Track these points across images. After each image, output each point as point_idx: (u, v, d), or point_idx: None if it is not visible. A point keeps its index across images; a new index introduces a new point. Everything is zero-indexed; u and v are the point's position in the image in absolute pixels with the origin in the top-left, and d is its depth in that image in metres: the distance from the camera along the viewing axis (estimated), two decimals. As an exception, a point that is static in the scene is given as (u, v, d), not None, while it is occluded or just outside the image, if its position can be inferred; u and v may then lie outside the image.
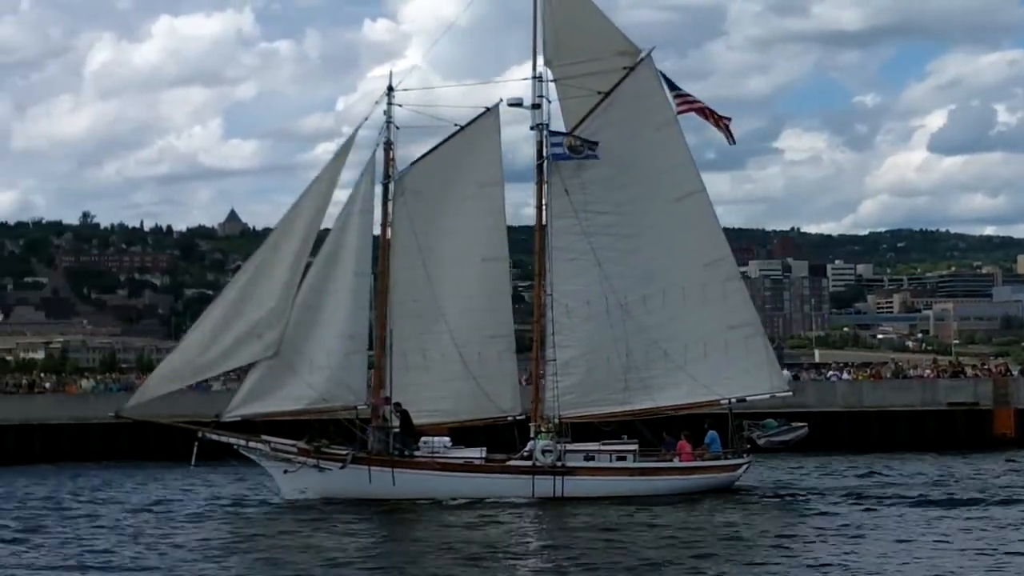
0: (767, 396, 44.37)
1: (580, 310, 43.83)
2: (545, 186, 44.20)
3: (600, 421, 43.76)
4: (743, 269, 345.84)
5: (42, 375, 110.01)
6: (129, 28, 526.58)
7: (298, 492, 42.54)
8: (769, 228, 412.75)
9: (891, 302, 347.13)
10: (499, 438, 45.25)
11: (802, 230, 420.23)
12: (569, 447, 42.70)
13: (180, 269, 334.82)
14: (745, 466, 43.48)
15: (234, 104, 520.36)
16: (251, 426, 44.52)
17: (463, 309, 43.99)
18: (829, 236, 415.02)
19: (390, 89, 44.29)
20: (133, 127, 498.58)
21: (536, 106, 44.25)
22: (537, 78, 44.23)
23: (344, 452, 42.37)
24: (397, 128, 44.37)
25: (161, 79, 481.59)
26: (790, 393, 45.45)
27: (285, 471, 42.77)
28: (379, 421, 43.25)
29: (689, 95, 44.52)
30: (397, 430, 42.85)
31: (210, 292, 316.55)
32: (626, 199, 44.05)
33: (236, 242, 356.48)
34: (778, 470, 49.27)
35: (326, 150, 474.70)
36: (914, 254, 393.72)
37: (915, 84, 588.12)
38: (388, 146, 44.31)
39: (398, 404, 43.10)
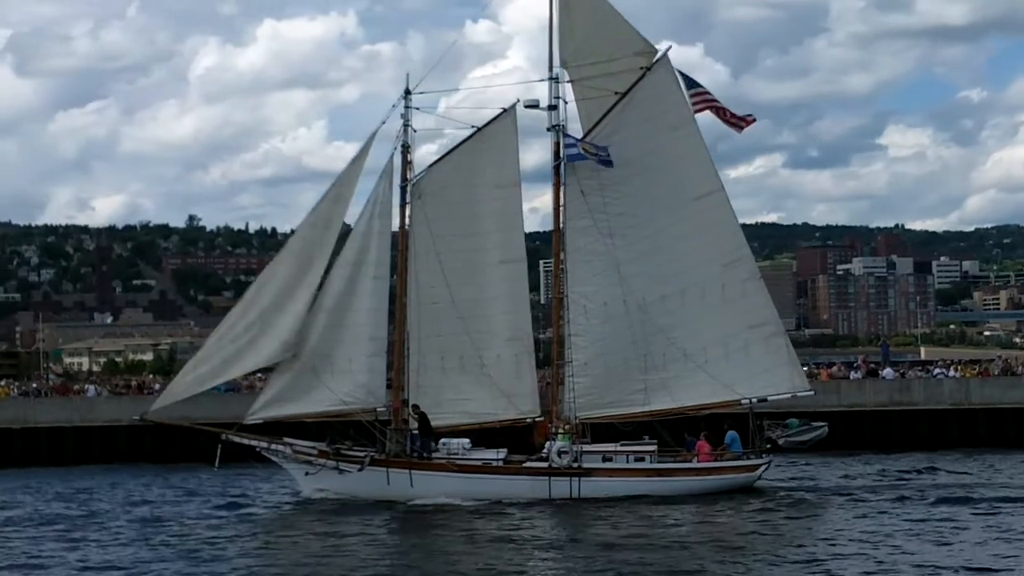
0: (788, 396, 44.02)
1: (598, 311, 43.76)
2: (562, 188, 44.13)
3: (619, 422, 43.66)
4: (847, 267, 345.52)
5: (151, 376, 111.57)
6: (234, 32, 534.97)
7: (319, 494, 42.88)
8: (873, 225, 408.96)
9: (998, 299, 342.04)
10: (522, 440, 45.19)
11: (907, 227, 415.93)
12: (586, 448, 42.65)
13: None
14: (764, 466, 43.11)
15: (337, 106, 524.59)
16: (275, 428, 44.85)
17: (481, 311, 44.09)
18: (934, 233, 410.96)
19: (407, 92, 44.47)
20: (238, 130, 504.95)
21: (553, 107, 44.22)
22: (554, 79, 44.17)
23: (362, 454, 42.65)
24: (414, 131, 44.60)
25: (265, 82, 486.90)
26: (811, 392, 44.96)
27: (306, 473, 43.18)
28: (399, 423, 43.43)
29: (707, 92, 44.26)
30: (415, 432, 43.03)
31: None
32: (644, 199, 43.90)
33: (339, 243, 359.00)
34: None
35: (428, 151, 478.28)
36: (1021, 250, 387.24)
37: (1021, 78, 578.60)
38: (405, 149, 44.52)
39: (416, 406, 43.33)
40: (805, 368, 71.31)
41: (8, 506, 44.01)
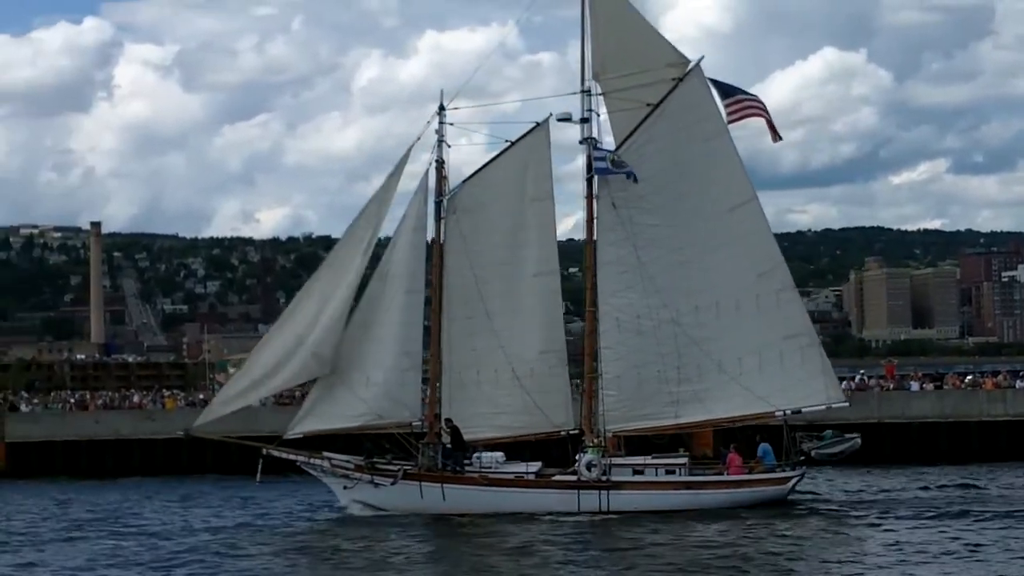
0: (823, 407, 43.42)
1: (630, 324, 43.59)
2: (594, 200, 44.09)
3: (652, 434, 43.49)
4: (1012, 273, 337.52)
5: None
6: (396, 44, 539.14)
7: (357, 507, 43.40)
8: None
9: None
10: (560, 453, 45.13)
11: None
12: (616, 461, 42.54)
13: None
14: (796, 479, 42.57)
15: (498, 116, 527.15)
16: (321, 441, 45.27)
17: (515, 324, 44.24)
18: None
19: (441, 108, 44.83)
20: (399, 141, 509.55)
21: (585, 120, 44.19)
22: (586, 92, 44.15)
23: (395, 468, 43.06)
24: (448, 146, 44.89)
25: (427, 94, 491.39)
26: (847, 404, 44.41)
27: (344, 487, 43.72)
28: (432, 437, 43.77)
29: (744, 98, 43.79)
30: (448, 446, 43.32)
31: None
32: (676, 210, 43.68)
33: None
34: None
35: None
36: None
37: None
38: (440, 164, 44.85)
39: (449, 420, 43.62)
40: (969, 377, 70.78)
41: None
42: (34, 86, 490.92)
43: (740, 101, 43.75)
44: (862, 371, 76.84)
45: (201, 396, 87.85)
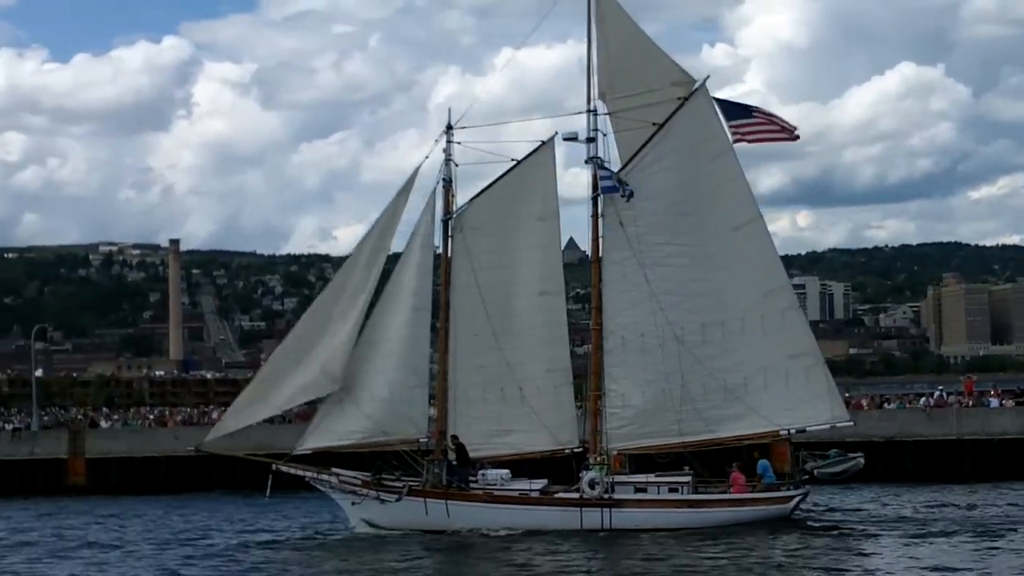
0: (827, 426, 43.36)
1: (635, 342, 43.67)
2: (600, 219, 44.26)
3: (656, 452, 43.59)
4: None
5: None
6: (473, 61, 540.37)
7: (364, 523, 43.80)
8: None
9: None
10: (567, 470, 45.26)
11: None
12: (619, 479, 42.67)
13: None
14: (798, 497, 42.47)
15: (575, 133, 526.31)
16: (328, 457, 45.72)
17: (521, 343, 44.49)
18: None
19: (449, 127, 45.22)
20: (476, 158, 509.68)
21: (591, 140, 44.40)
22: (592, 111, 44.37)
23: (401, 485, 43.42)
24: (456, 165, 45.25)
25: (504, 110, 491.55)
26: (851, 423, 44.07)
27: (352, 503, 44.13)
28: (438, 454, 44.12)
29: (747, 123, 43.82)
30: (454, 463, 43.63)
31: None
32: (682, 229, 43.75)
33: (576, 270, 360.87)
34: None
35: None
36: None
37: None
38: (447, 183, 45.27)
39: (455, 437, 43.93)
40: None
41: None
42: (114, 105, 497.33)
43: (743, 126, 43.75)
44: (941, 387, 76.21)
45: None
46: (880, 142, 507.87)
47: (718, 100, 44.27)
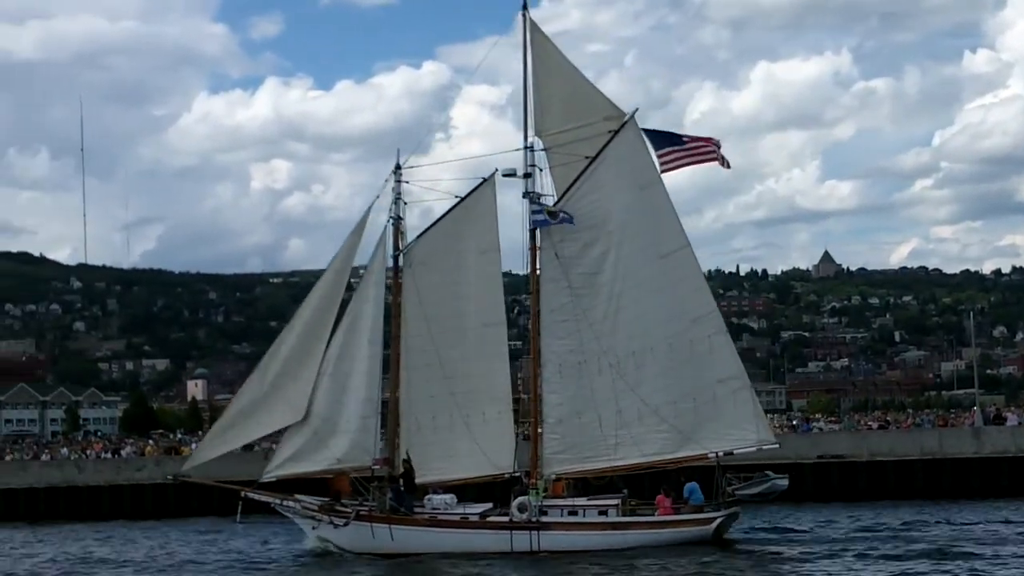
0: (754, 449, 44.01)
1: (572, 369, 45.00)
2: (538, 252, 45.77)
3: (591, 476, 44.82)
4: None
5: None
6: (728, 76, 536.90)
7: (320, 546, 46.06)
8: None
9: None
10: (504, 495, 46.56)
11: None
12: (549, 503, 44.02)
13: (776, 312, 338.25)
14: (720, 519, 43.13)
15: (832, 145, 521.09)
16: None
17: (465, 373, 46.25)
18: None
19: (397, 167, 47.37)
20: (732, 173, 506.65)
21: (527, 175, 45.97)
22: (528, 148, 45.96)
23: (350, 510, 45.54)
24: (405, 204, 47.36)
25: (760, 125, 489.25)
26: (777, 445, 44.59)
27: (312, 527, 46.46)
28: (387, 481, 46.15)
29: (676, 149, 44.82)
30: (401, 488, 45.56)
31: (806, 334, 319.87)
32: (613, 258, 44.97)
33: (830, 283, 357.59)
34: None
35: (923, 186, 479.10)
36: None
37: None
38: (397, 221, 47.34)
39: (406, 460, 45.87)
40: None
41: None
42: (375, 131, 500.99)
43: (671, 152, 44.78)
44: None
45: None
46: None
47: (647, 131, 45.38)
